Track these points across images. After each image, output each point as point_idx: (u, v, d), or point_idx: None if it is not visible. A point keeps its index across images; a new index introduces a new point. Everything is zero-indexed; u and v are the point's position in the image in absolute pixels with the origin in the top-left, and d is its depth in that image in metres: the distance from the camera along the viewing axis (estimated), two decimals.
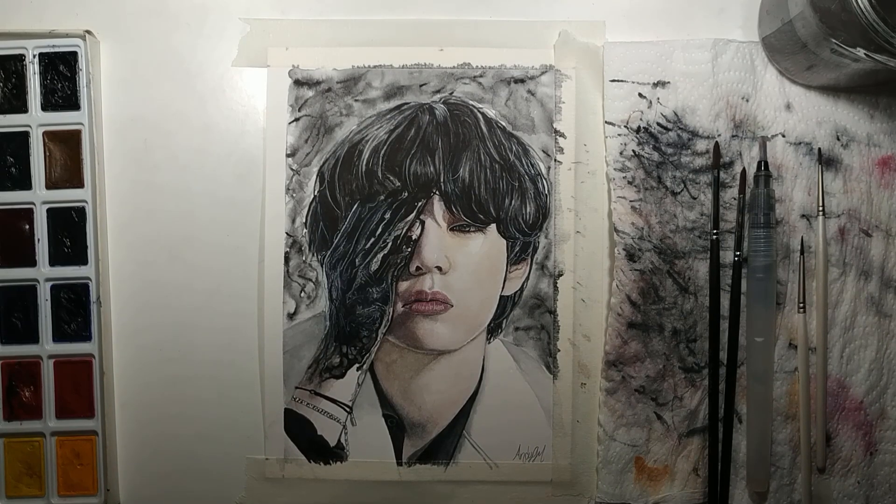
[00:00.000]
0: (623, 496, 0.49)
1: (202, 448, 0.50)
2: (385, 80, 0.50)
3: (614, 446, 0.48)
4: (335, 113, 0.50)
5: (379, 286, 0.49)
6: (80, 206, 0.49)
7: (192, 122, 0.51)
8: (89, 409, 0.49)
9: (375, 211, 0.49)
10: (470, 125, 0.50)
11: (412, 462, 0.50)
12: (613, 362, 0.48)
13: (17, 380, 0.49)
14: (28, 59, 0.49)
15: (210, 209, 0.50)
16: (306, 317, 0.50)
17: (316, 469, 0.50)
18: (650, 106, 0.48)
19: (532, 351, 0.50)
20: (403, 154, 0.49)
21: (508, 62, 0.50)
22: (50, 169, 0.49)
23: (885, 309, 0.48)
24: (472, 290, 0.49)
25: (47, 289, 0.49)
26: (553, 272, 0.50)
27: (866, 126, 0.48)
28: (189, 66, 0.51)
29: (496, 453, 0.50)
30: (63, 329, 0.49)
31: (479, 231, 0.49)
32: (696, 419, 0.49)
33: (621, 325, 0.48)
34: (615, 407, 0.48)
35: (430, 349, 0.50)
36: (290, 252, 0.50)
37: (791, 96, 0.49)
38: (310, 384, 0.50)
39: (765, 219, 0.47)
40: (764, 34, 0.49)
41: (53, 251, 0.49)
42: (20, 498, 0.49)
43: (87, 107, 0.49)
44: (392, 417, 0.50)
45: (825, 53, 0.43)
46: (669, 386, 0.48)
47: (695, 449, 0.49)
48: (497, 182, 0.49)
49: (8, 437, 0.49)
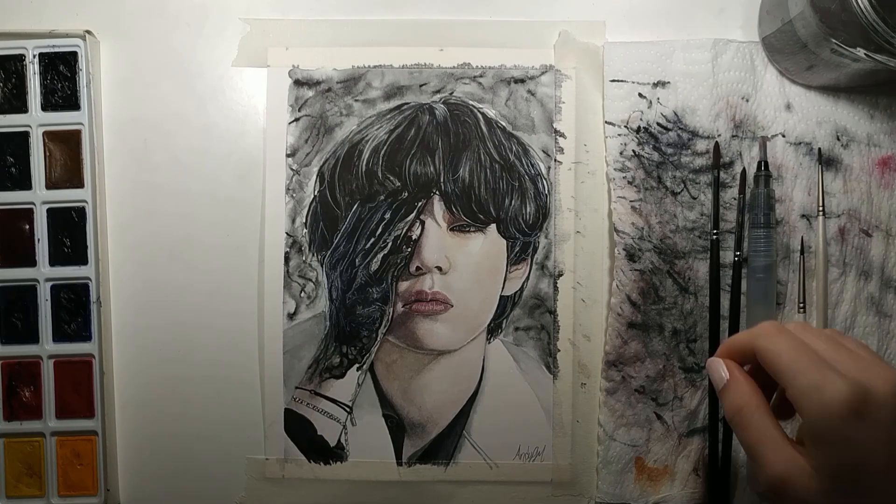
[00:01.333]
0: (623, 496, 0.49)
1: (202, 448, 0.50)
2: (385, 80, 0.50)
3: (614, 446, 0.48)
4: (335, 113, 0.50)
5: (379, 286, 0.49)
6: (80, 206, 0.49)
7: (192, 122, 0.51)
8: (89, 409, 0.49)
9: (375, 211, 0.49)
10: (470, 125, 0.50)
11: (412, 462, 0.50)
12: (613, 362, 0.48)
13: (18, 380, 0.49)
14: (28, 59, 0.49)
15: (210, 209, 0.50)
16: (306, 317, 0.50)
17: (316, 469, 0.50)
18: (650, 106, 0.48)
19: (532, 351, 0.50)
20: (403, 154, 0.49)
21: (508, 62, 0.50)
22: (50, 169, 0.49)
23: (885, 309, 0.48)
24: (472, 290, 0.49)
25: (47, 289, 0.49)
26: (553, 272, 0.50)
27: (866, 126, 0.48)
28: (189, 66, 0.51)
29: (496, 453, 0.50)
30: (63, 329, 0.49)
31: (479, 231, 0.49)
32: (696, 419, 0.49)
33: (621, 325, 0.48)
34: (615, 407, 0.48)
35: (430, 349, 0.50)
36: (290, 252, 0.50)
37: (791, 96, 0.49)
38: (310, 384, 0.50)
39: (765, 219, 0.47)
40: (764, 34, 0.49)
41: (53, 251, 0.49)
42: (20, 498, 0.49)
43: (87, 107, 0.49)
44: (392, 417, 0.50)
45: (825, 53, 0.43)
46: (669, 386, 0.48)
47: (695, 449, 0.49)
48: (497, 182, 0.49)
49: (8, 437, 0.49)
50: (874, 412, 0.31)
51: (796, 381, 0.33)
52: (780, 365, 0.34)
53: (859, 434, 0.31)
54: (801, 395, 0.32)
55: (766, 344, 0.35)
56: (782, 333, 0.35)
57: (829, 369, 0.32)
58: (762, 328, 0.36)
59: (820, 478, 0.32)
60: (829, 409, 0.31)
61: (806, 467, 0.32)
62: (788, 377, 0.33)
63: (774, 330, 0.35)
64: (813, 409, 0.32)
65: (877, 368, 0.32)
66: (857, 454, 0.31)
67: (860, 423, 0.31)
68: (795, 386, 0.33)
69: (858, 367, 0.32)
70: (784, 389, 0.34)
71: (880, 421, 0.31)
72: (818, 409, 0.31)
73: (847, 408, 0.31)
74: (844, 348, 0.34)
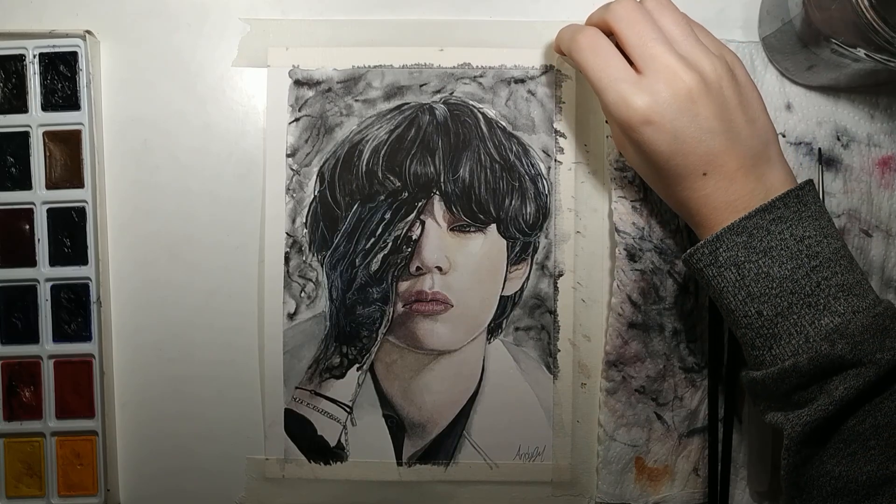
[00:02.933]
0: (623, 496, 0.49)
1: (202, 448, 0.50)
2: (385, 81, 0.50)
3: (614, 446, 0.48)
4: (335, 113, 0.50)
5: (379, 286, 0.49)
6: (80, 206, 0.49)
7: (192, 122, 0.51)
8: (89, 409, 0.49)
9: (375, 211, 0.49)
10: (470, 125, 0.50)
11: (412, 462, 0.50)
12: (614, 362, 0.48)
13: (18, 380, 0.49)
14: (28, 59, 0.49)
15: (210, 209, 0.50)
16: (306, 317, 0.50)
17: (316, 469, 0.50)
18: None
19: (532, 351, 0.50)
20: (403, 154, 0.49)
21: (508, 62, 0.50)
22: (50, 169, 0.49)
23: None
24: (473, 291, 0.49)
25: (47, 289, 0.49)
26: (553, 272, 0.50)
27: (866, 126, 0.48)
28: (189, 66, 0.51)
29: (496, 453, 0.50)
30: (63, 329, 0.49)
31: (480, 231, 0.49)
32: (696, 419, 0.49)
33: (622, 325, 0.48)
34: (615, 407, 0.48)
35: (430, 349, 0.50)
36: (291, 252, 0.50)
37: (791, 96, 0.49)
38: (310, 384, 0.50)
39: None
40: (764, 34, 0.49)
41: (53, 251, 0.49)
42: (20, 498, 0.49)
43: (87, 107, 0.49)
44: (392, 417, 0.50)
45: (825, 53, 0.43)
46: (670, 386, 0.48)
47: (695, 449, 0.49)
48: (497, 182, 0.49)
49: (8, 438, 0.49)
50: (658, 119, 0.39)
51: (604, 97, 0.41)
52: (590, 78, 0.41)
53: (648, 135, 0.40)
54: (608, 108, 0.41)
55: (578, 57, 0.42)
56: (596, 40, 0.42)
57: (629, 82, 0.40)
58: (575, 28, 0.44)
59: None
60: (629, 121, 0.40)
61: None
62: (598, 89, 0.41)
63: (592, 32, 0.43)
64: (618, 119, 0.40)
65: (684, 68, 0.39)
66: (649, 149, 0.40)
67: (650, 126, 0.39)
68: (603, 101, 0.41)
69: (668, 65, 0.39)
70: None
71: (663, 125, 0.39)
72: (620, 120, 0.40)
73: (641, 119, 0.39)
74: (683, 37, 0.41)
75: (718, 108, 0.39)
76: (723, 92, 0.39)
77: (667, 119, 0.39)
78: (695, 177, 0.39)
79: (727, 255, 0.39)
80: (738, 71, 0.41)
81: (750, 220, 0.38)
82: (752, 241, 0.38)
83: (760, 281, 0.38)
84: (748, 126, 0.40)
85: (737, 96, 0.40)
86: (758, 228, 0.38)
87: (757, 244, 0.38)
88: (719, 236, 0.39)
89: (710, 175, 0.39)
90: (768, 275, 0.38)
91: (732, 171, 0.39)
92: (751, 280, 0.38)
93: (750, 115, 0.40)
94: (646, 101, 0.39)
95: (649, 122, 0.39)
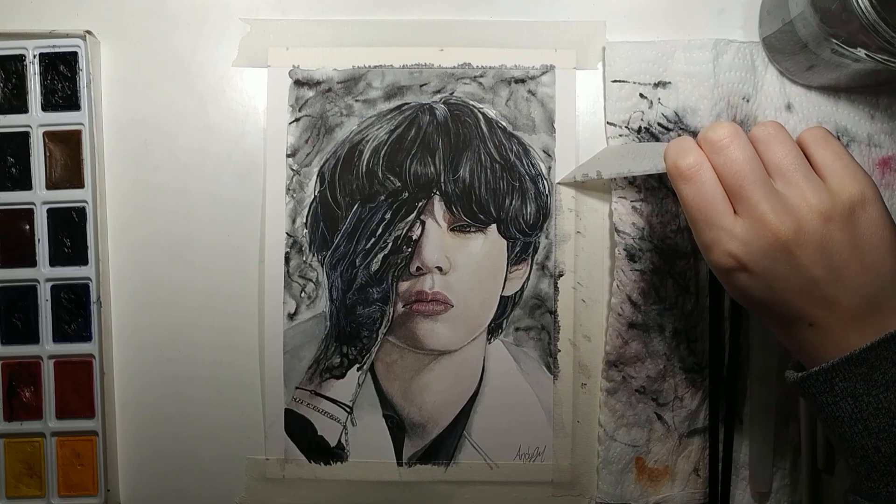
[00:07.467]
0: (623, 496, 0.49)
1: (202, 448, 0.50)
2: (385, 81, 0.50)
3: (615, 446, 0.48)
4: (335, 113, 0.50)
5: (379, 286, 0.49)
6: (80, 206, 0.49)
7: (192, 122, 0.51)
8: (89, 409, 0.49)
9: (376, 211, 0.49)
10: (470, 125, 0.50)
11: (412, 462, 0.50)
12: (614, 362, 0.48)
13: (18, 380, 0.49)
14: (28, 60, 0.49)
15: (210, 209, 0.50)
16: (306, 317, 0.50)
17: (316, 469, 0.50)
18: (651, 106, 0.48)
19: (532, 351, 0.50)
20: (404, 154, 0.49)
21: (509, 62, 0.50)
22: (50, 169, 0.49)
23: None
24: (473, 291, 0.49)
25: (47, 289, 0.49)
26: (553, 272, 0.50)
27: (867, 126, 0.48)
28: (189, 66, 0.51)
29: (496, 454, 0.50)
30: (63, 329, 0.49)
31: (480, 231, 0.49)
32: (696, 419, 0.49)
33: (622, 326, 0.48)
34: (616, 407, 0.48)
35: (430, 349, 0.50)
36: (291, 252, 0.50)
37: (791, 96, 0.49)
38: (310, 384, 0.50)
39: None
40: (764, 34, 0.49)
41: (53, 251, 0.49)
42: (20, 498, 0.49)
43: (87, 107, 0.49)
44: (392, 418, 0.50)
45: (826, 54, 0.43)
46: (670, 386, 0.48)
47: (695, 449, 0.49)
48: (497, 182, 0.49)
49: (8, 438, 0.49)
50: (753, 267, 0.36)
51: (698, 237, 0.38)
52: (686, 212, 0.38)
53: (743, 282, 0.37)
54: (701, 247, 0.38)
55: (675, 186, 0.38)
56: (697, 172, 0.37)
57: (724, 229, 0.36)
58: (681, 150, 0.38)
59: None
60: (722, 267, 0.37)
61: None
62: (693, 227, 0.38)
63: (694, 161, 0.37)
64: (710, 262, 0.38)
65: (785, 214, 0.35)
66: (745, 295, 0.37)
67: (744, 273, 0.36)
68: (697, 239, 0.38)
69: (775, 207, 0.35)
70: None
71: (757, 273, 0.36)
72: (712, 265, 0.38)
73: (734, 266, 0.36)
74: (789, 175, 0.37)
75: (822, 256, 0.35)
76: (831, 236, 0.35)
77: (760, 268, 0.36)
78: (799, 326, 0.36)
79: (843, 386, 0.35)
80: (869, 207, 0.36)
81: (872, 350, 0.35)
82: (873, 372, 0.35)
83: (880, 416, 0.35)
84: (864, 273, 0.35)
85: (852, 240, 0.35)
86: (880, 360, 0.35)
87: (879, 377, 0.35)
88: (836, 366, 0.35)
89: (816, 327, 0.36)
90: (889, 410, 0.35)
91: (844, 321, 0.35)
92: (869, 414, 0.35)
93: (869, 261, 0.35)
94: (739, 248, 0.36)
95: (742, 269, 0.36)
